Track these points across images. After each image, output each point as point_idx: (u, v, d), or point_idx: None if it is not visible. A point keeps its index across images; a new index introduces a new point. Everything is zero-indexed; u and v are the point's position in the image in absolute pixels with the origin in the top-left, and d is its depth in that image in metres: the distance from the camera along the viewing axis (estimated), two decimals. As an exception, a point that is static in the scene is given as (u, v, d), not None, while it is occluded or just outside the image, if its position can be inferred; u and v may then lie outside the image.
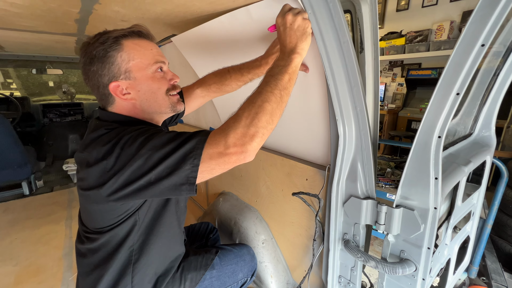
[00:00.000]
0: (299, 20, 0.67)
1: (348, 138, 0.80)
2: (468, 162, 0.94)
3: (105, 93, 0.69)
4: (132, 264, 0.73)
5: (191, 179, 0.56)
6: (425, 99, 3.45)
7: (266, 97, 0.59)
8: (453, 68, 0.60)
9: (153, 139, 0.57)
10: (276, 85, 0.61)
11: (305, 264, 1.18)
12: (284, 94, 0.62)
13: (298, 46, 0.68)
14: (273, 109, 0.59)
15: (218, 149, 0.55)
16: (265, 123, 0.57)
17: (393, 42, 3.65)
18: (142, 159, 0.56)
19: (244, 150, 0.55)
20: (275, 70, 0.65)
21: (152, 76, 0.70)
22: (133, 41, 0.68)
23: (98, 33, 0.67)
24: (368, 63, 0.92)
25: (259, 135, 0.56)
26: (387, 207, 0.76)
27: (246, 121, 0.56)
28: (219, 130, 0.57)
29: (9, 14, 1.05)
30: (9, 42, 1.90)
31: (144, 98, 0.70)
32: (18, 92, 3.65)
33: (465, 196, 1.07)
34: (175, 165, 0.55)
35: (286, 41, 0.69)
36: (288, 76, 0.64)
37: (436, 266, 0.92)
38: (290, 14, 0.68)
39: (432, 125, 0.65)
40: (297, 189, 1.10)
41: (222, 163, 0.56)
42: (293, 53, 0.67)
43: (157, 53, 0.72)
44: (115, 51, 0.65)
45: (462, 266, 1.27)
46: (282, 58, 0.67)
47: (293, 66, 0.66)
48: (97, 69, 0.65)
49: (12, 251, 1.79)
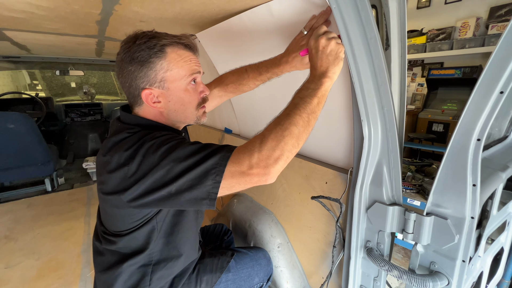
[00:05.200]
0: (332, 45, 0.66)
1: (373, 140, 0.76)
2: (506, 167, 0.86)
3: (135, 94, 0.69)
4: (151, 266, 0.73)
5: (212, 195, 0.55)
6: (447, 100, 3.28)
7: (294, 120, 0.57)
8: (497, 64, 0.54)
9: (176, 149, 0.57)
10: (304, 108, 0.59)
11: (322, 271, 1.13)
12: (312, 118, 0.60)
13: (330, 70, 0.65)
14: (300, 133, 0.57)
15: (241, 169, 0.54)
16: (291, 146, 0.55)
17: (413, 40, 3.50)
18: (164, 170, 0.55)
19: (267, 172, 0.53)
20: (305, 93, 0.63)
21: (185, 89, 0.70)
22: (177, 52, 0.68)
23: (145, 33, 0.67)
24: (395, 61, 0.87)
25: (284, 158, 0.54)
26: (417, 215, 0.70)
27: (272, 143, 0.54)
28: (243, 149, 0.56)
29: (35, 17, 1.09)
30: (35, 45, 1.98)
31: (172, 109, 0.71)
32: (42, 93, 3.84)
33: (500, 204, 0.99)
34: (197, 179, 0.54)
35: (317, 64, 0.67)
36: (317, 100, 0.62)
37: (469, 280, 0.85)
38: (324, 37, 0.66)
39: (470, 127, 0.59)
40: (315, 193, 1.06)
41: (243, 183, 0.55)
42: (324, 77, 0.64)
43: (195, 63, 0.72)
44: (157, 58, 0.65)
45: (494, 280, 1.18)
46: (312, 81, 0.65)
47: (323, 90, 0.64)
48: (134, 69, 0.65)
49: (35, 246, 1.86)
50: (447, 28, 3.22)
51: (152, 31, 0.68)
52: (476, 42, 2.93)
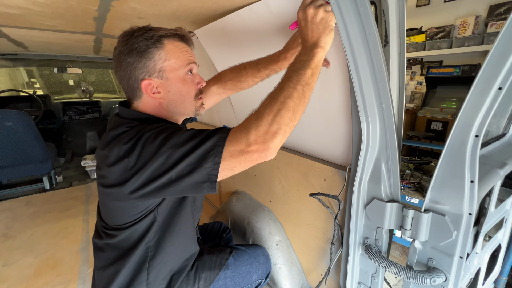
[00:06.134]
0: (321, 13, 0.64)
1: (372, 137, 0.75)
2: (504, 164, 0.87)
3: (134, 86, 0.69)
4: (148, 261, 0.73)
5: (212, 177, 0.55)
6: (446, 98, 3.28)
7: (288, 93, 0.57)
8: (495, 60, 0.54)
9: (173, 137, 0.57)
10: (298, 80, 0.59)
11: (320, 267, 1.13)
12: (306, 90, 0.59)
13: (321, 40, 0.64)
14: (295, 105, 0.56)
15: (240, 147, 0.53)
16: (288, 120, 0.55)
17: (413, 39, 3.49)
18: (163, 157, 0.55)
19: (266, 147, 0.53)
20: (297, 65, 0.62)
21: (183, 79, 0.71)
22: (173, 43, 0.69)
23: (142, 27, 0.68)
24: (393, 57, 0.86)
25: (281, 132, 0.54)
26: (415, 211, 0.70)
27: (268, 118, 0.54)
28: (240, 127, 0.56)
29: (32, 13, 1.08)
30: (33, 42, 1.97)
31: (172, 99, 0.71)
32: (40, 91, 3.81)
33: (498, 201, 0.99)
34: (196, 162, 0.54)
35: (308, 35, 0.66)
36: (310, 71, 0.61)
37: (466, 276, 0.85)
38: (312, 7, 0.65)
39: (469, 123, 0.59)
40: (314, 190, 1.06)
41: (243, 161, 0.54)
42: (316, 47, 0.63)
43: (191, 54, 0.73)
44: (156, 48, 0.66)
45: (491, 277, 1.19)
46: (304, 53, 0.64)
47: (316, 60, 0.63)
48: (133, 61, 0.66)
49: (33, 243, 1.86)
50: (446, 26, 3.21)
51: (148, 25, 0.69)
52: (475, 40, 2.92)
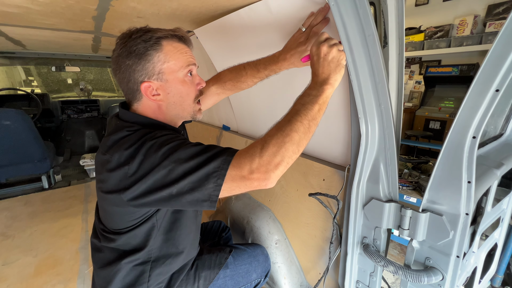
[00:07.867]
0: (334, 52, 0.66)
1: (371, 137, 0.76)
2: (501, 164, 0.88)
3: (133, 89, 0.69)
4: (150, 263, 0.73)
5: (213, 197, 0.56)
6: (444, 97, 3.29)
7: (295, 126, 0.58)
8: (493, 62, 0.55)
9: (178, 150, 0.57)
10: (306, 115, 0.60)
11: (319, 266, 1.14)
12: (312, 125, 0.61)
13: (331, 77, 0.66)
14: (300, 139, 0.58)
15: (242, 173, 0.54)
16: (291, 152, 0.56)
17: (411, 38, 3.50)
18: (166, 170, 0.55)
19: (267, 177, 0.54)
20: (306, 99, 0.63)
21: (183, 80, 0.71)
22: (172, 44, 0.69)
23: (140, 28, 0.68)
24: (392, 58, 0.87)
25: (284, 164, 0.55)
26: (412, 211, 0.71)
27: (273, 149, 0.55)
28: (245, 153, 0.56)
29: (30, 12, 1.07)
30: (31, 40, 1.95)
31: (171, 101, 0.71)
32: (38, 89, 3.79)
33: (495, 201, 1.00)
34: (199, 181, 0.55)
35: (319, 71, 0.67)
36: (318, 107, 0.62)
37: (463, 275, 0.86)
38: (326, 44, 0.66)
39: (466, 125, 0.60)
40: (313, 190, 1.07)
41: (243, 186, 0.56)
42: (325, 84, 0.65)
43: (190, 56, 0.73)
44: (154, 50, 0.66)
45: (488, 275, 1.20)
46: (313, 87, 0.65)
47: (324, 96, 0.64)
48: (132, 63, 0.66)
49: (32, 243, 1.86)
50: (445, 25, 3.22)
51: (146, 26, 0.69)
52: (473, 40, 2.93)
